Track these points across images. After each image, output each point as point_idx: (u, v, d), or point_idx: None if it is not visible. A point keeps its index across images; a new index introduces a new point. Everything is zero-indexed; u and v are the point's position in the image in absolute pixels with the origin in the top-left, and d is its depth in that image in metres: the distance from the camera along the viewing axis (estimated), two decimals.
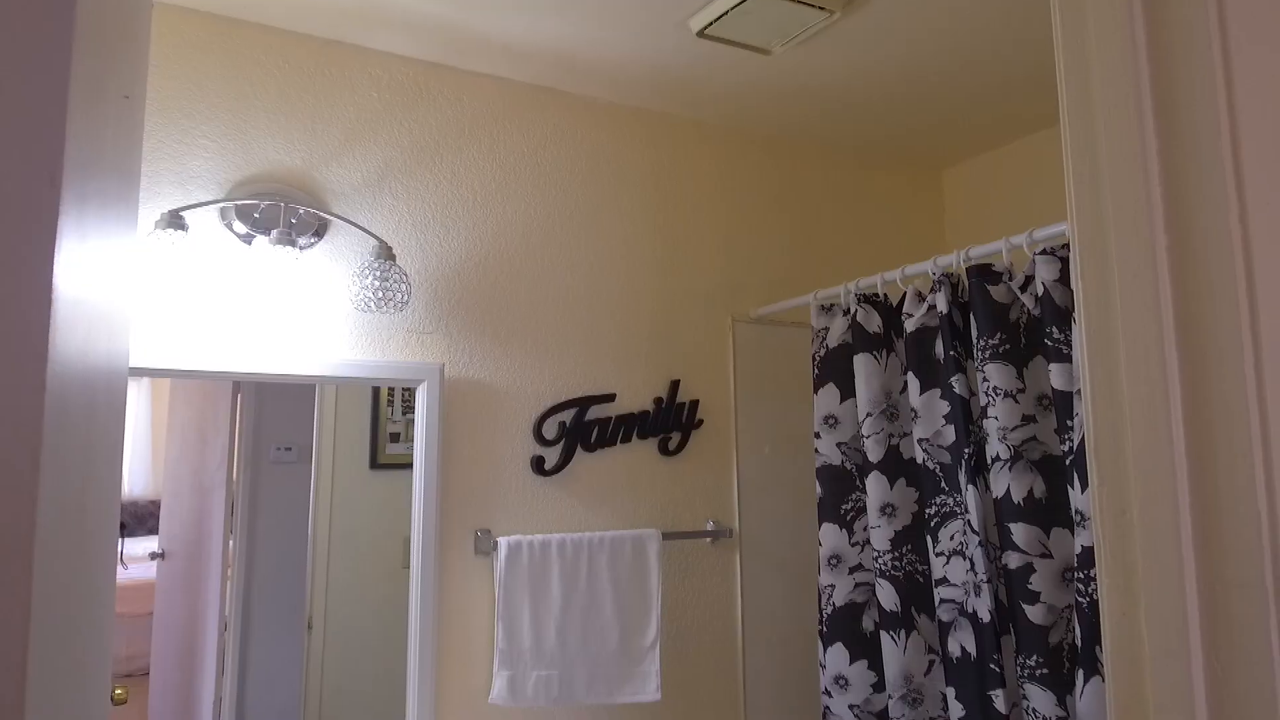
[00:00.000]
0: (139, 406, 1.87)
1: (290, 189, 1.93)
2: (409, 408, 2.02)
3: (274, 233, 1.81)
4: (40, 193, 0.50)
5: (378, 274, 1.88)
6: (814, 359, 2.26)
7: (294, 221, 1.89)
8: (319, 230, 1.95)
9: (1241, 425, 0.58)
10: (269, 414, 1.93)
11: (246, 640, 1.85)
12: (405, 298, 1.91)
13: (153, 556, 1.86)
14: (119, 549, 1.83)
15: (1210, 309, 0.61)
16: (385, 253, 1.91)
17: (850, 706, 2.10)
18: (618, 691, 2.06)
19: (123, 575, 1.82)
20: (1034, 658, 1.77)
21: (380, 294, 1.87)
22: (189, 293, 1.81)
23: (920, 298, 2.06)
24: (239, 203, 1.85)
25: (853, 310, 2.16)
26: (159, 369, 1.76)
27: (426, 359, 2.04)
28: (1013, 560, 1.81)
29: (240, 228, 1.86)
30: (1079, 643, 1.68)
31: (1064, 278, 1.77)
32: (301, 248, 1.90)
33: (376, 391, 2.01)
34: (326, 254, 1.96)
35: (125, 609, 1.82)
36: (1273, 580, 0.56)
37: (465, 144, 2.16)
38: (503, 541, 2.02)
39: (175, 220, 1.73)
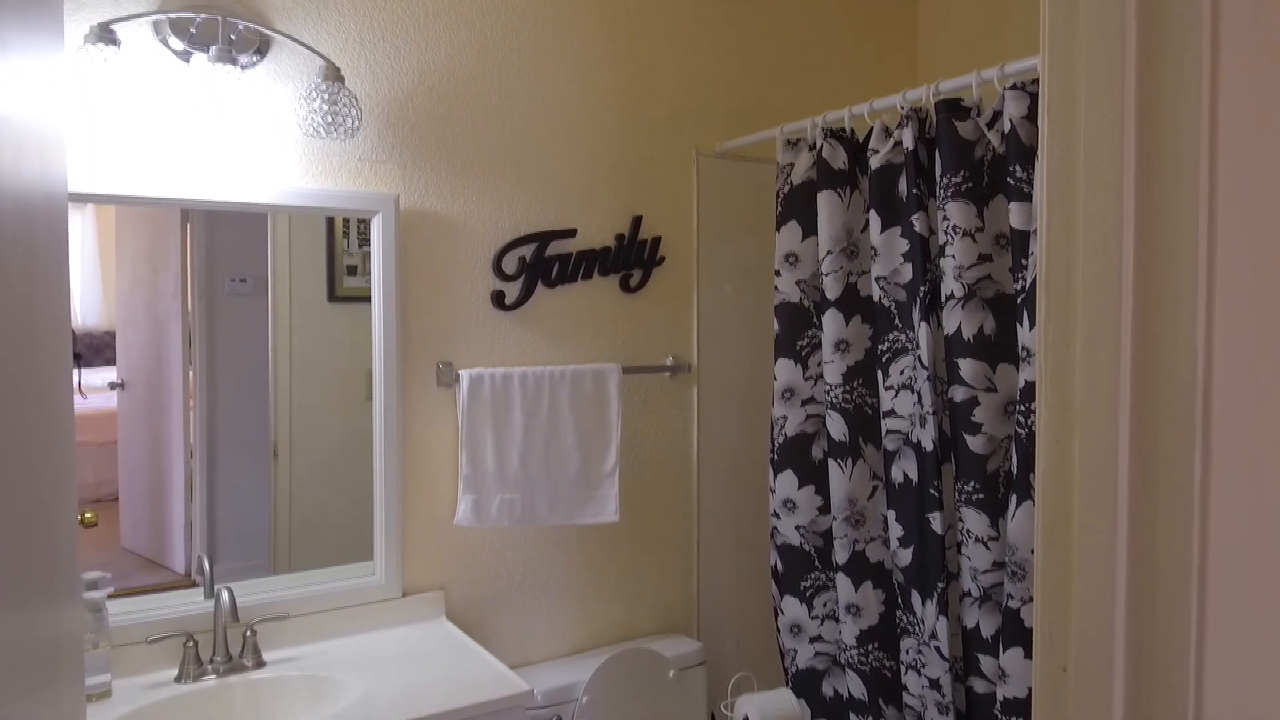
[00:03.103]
0: (84, 236, 1.81)
1: (229, 1, 1.80)
2: (365, 240, 1.98)
3: (212, 49, 1.70)
4: None
5: (326, 97, 1.79)
6: (778, 196, 2.24)
7: (233, 38, 1.78)
8: (261, 48, 1.83)
9: (1189, 268, 0.60)
10: (221, 245, 1.88)
11: (213, 467, 1.88)
12: (355, 123, 1.83)
13: (112, 386, 1.86)
14: (76, 379, 1.82)
15: (1173, 157, 0.61)
16: (333, 74, 1.82)
17: (797, 527, 2.23)
18: (578, 514, 2.16)
19: (83, 404, 1.82)
20: (972, 484, 1.87)
21: (329, 118, 1.79)
22: (126, 115, 1.72)
23: (887, 133, 2.03)
24: (173, 16, 1.72)
25: (819, 145, 2.12)
26: (99, 195, 1.69)
27: (380, 189, 1.98)
28: (959, 394, 1.88)
29: (176, 44, 1.74)
30: (1014, 470, 1.78)
31: (1032, 115, 1.75)
32: (243, 67, 1.79)
33: (331, 223, 1.97)
34: (270, 74, 1.85)
35: (88, 437, 1.83)
36: (1201, 413, 0.59)
37: None
38: (464, 374, 2.05)
39: (106, 34, 1.62)
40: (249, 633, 1.78)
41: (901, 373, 2.03)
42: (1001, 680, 1.80)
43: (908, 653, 2.06)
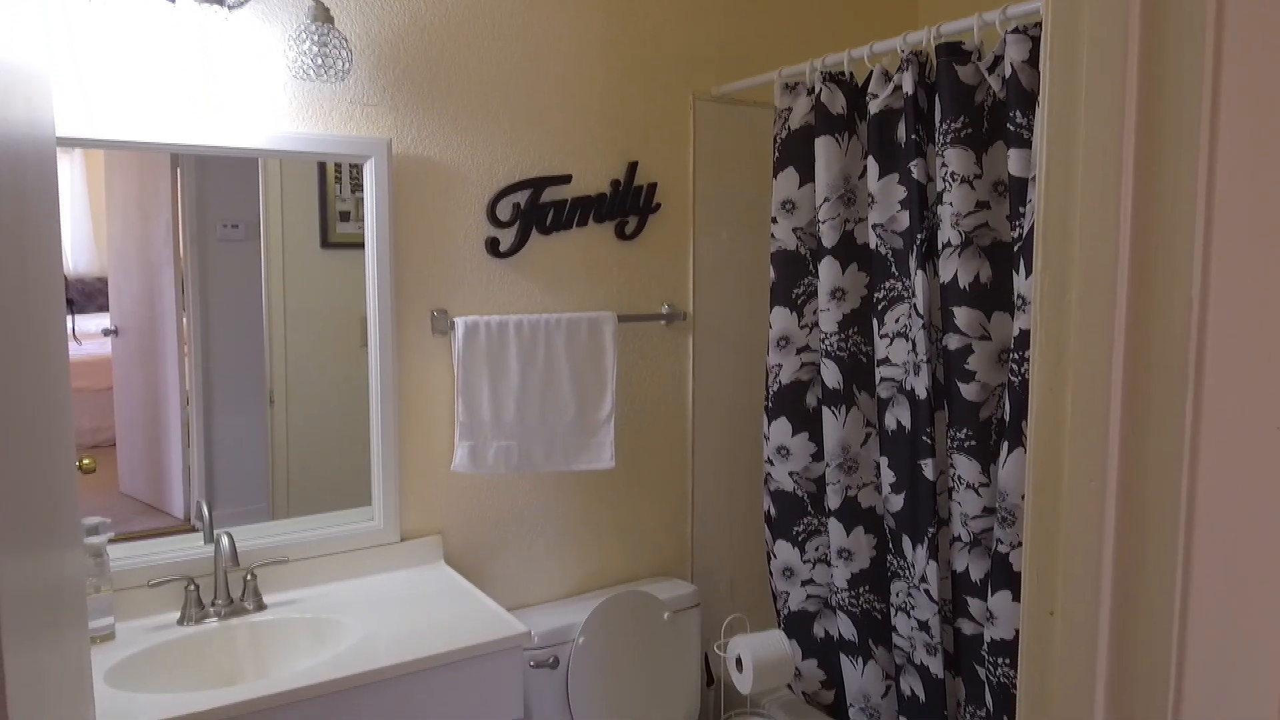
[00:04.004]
0: (73, 180, 1.79)
1: None
2: (357, 185, 1.96)
3: None
4: None
5: (315, 38, 1.76)
6: (775, 141, 2.22)
7: None
8: None
9: (1187, 217, 0.59)
10: (211, 190, 1.86)
11: (210, 413, 1.89)
12: (346, 65, 1.80)
13: (106, 333, 1.85)
14: (70, 325, 1.81)
15: (1175, 105, 0.60)
16: (322, 14, 1.78)
17: (790, 474, 2.25)
18: (574, 460, 2.17)
19: (78, 351, 1.82)
20: (964, 431, 1.89)
21: (319, 60, 1.76)
22: (112, 58, 1.68)
23: (886, 77, 2.00)
24: None
25: (817, 89, 2.09)
26: (87, 139, 1.66)
27: (372, 133, 1.96)
28: (953, 342, 1.89)
29: None
30: (1007, 417, 1.80)
31: (1033, 59, 1.73)
32: (230, 7, 1.75)
33: (323, 168, 1.94)
34: (259, 15, 1.81)
35: (84, 383, 1.83)
36: (1194, 362, 0.59)
37: None
38: (460, 321, 2.04)
39: None
40: (249, 576, 1.81)
41: (897, 321, 2.04)
42: (989, 622, 1.84)
43: (897, 595, 2.10)
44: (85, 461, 1.78)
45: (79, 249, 1.83)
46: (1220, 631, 0.57)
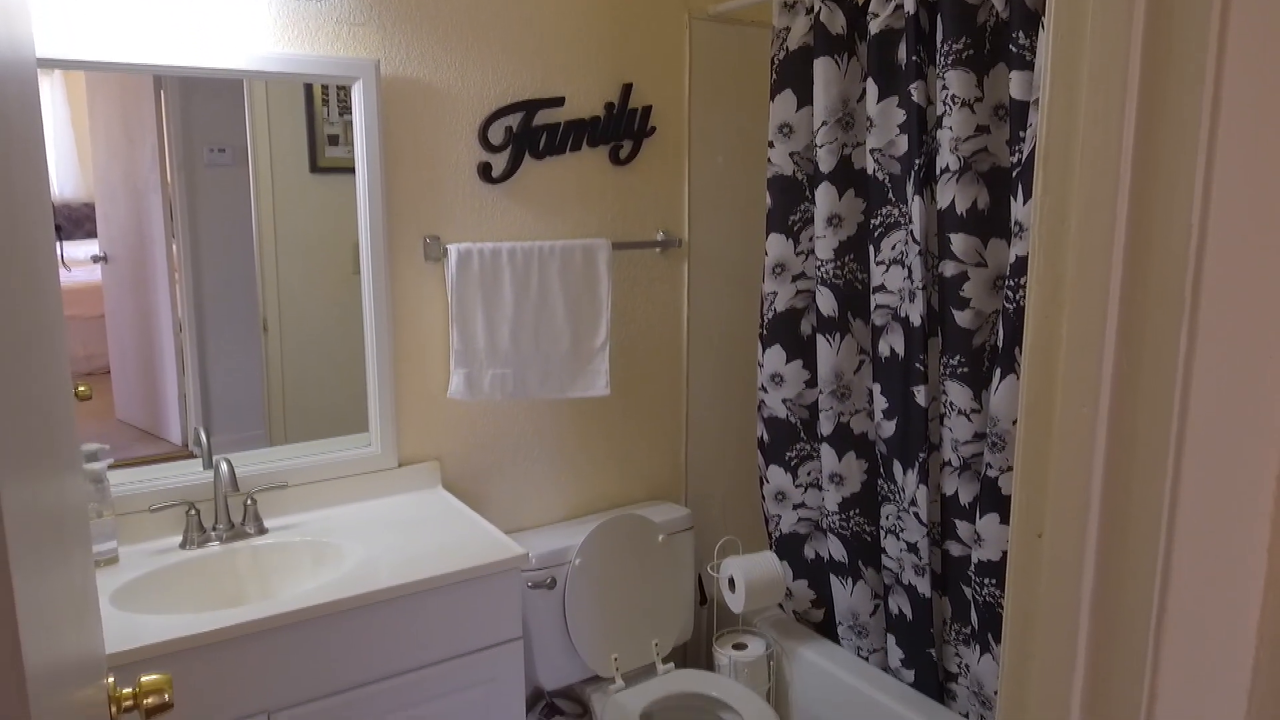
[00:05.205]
0: (54, 105, 1.75)
1: None
2: (346, 109, 1.92)
3: None
4: None
5: None
6: (773, 62, 2.17)
7: None
8: None
9: (1190, 142, 0.59)
10: (197, 114, 1.82)
11: (203, 341, 1.89)
12: None
13: (95, 260, 1.84)
14: (59, 252, 1.79)
15: (1182, 26, 0.59)
16: None
17: (783, 400, 2.27)
18: (569, 387, 2.19)
19: (68, 278, 1.80)
20: (957, 358, 1.90)
21: None
22: None
23: None
24: None
25: (816, 8, 2.04)
26: (68, 60, 1.62)
27: (360, 54, 1.91)
28: (949, 269, 1.88)
29: None
30: (1000, 344, 1.80)
31: None
32: None
33: (309, 90, 1.90)
34: None
35: (76, 311, 1.82)
36: (1191, 290, 0.59)
37: None
38: (453, 249, 2.03)
39: None
40: (249, 501, 1.83)
41: (893, 248, 2.03)
42: (977, 544, 1.88)
43: (887, 518, 2.14)
44: (81, 389, 1.78)
45: (64, 174, 1.80)
46: (1203, 553, 0.59)
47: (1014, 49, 1.72)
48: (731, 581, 2.26)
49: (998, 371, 1.80)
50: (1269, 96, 0.55)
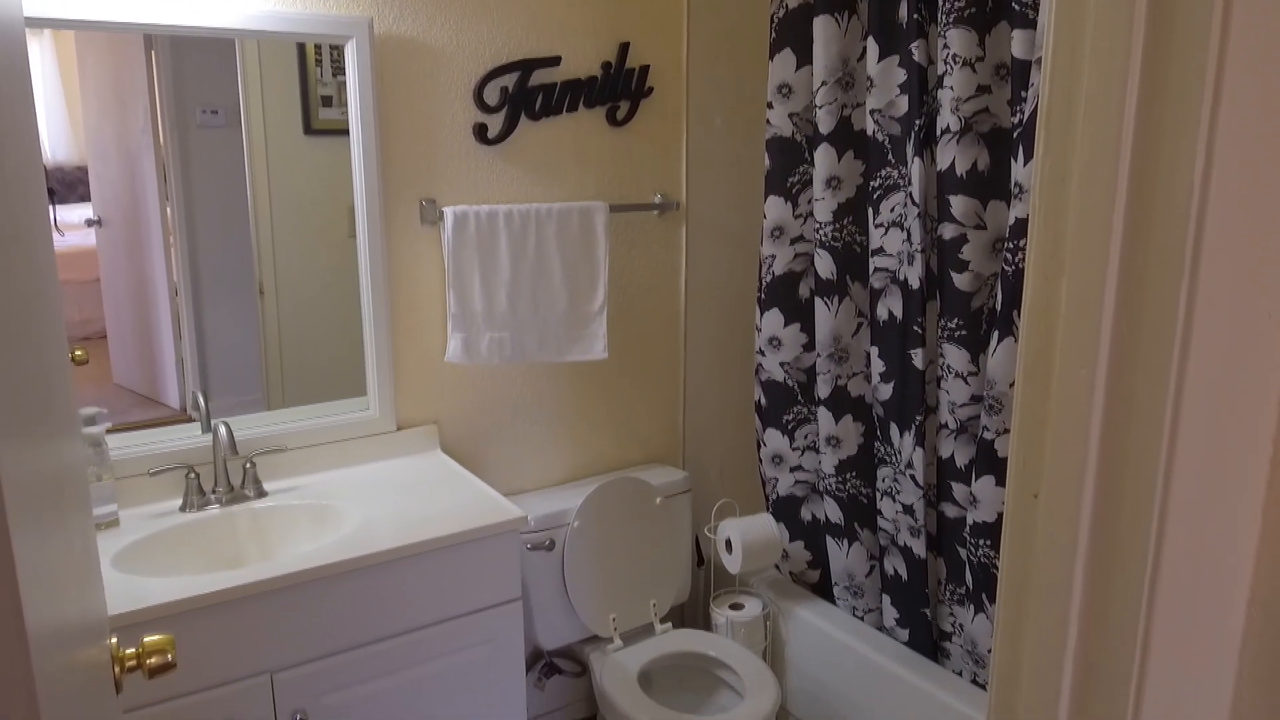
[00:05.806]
0: (44, 65, 1.72)
1: None
2: (339, 69, 1.89)
3: None
4: None
5: None
6: (772, 20, 2.14)
7: None
8: None
9: (1194, 102, 0.58)
10: (189, 74, 1.79)
11: (200, 305, 1.88)
12: None
13: (89, 224, 1.82)
14: (52, 216, 1.78)
15: None
16: None
17: (781, 364, 2.27)
18: (567, 351, 2.18)
19: (62, 242, 1.79)
20: (955, 320, 1.90)
21: None
22: None
23: None
24: None
25: None
26: (56, 19, 1.59)
27: (352, 12, 1.88)
28: (948, 231, 1.88)
29: None
30: (998, 307, 1.80)
31: None
32: None
33: (302, 50, 1.87)
34: None
35: (71, 275, 1.81)
36: (1191, 252, 0.59)
37: None
38: (449, 211, 2.01)
39: None
40: (248, 465, 1.84)
41: (892, 210, 2.01)
42: (972, 506, 1.90)
43: (884, 481, 2.16)
44: (77, 353, 1.78)
45: (56, 137, 1.78)
46: (1198, 514, 0.59)
47: (1016, 6, 1.69)
48: (729, 543, 2.28)
49: (995, 334, 1.80)
50: (1275, 53, 0.54)
